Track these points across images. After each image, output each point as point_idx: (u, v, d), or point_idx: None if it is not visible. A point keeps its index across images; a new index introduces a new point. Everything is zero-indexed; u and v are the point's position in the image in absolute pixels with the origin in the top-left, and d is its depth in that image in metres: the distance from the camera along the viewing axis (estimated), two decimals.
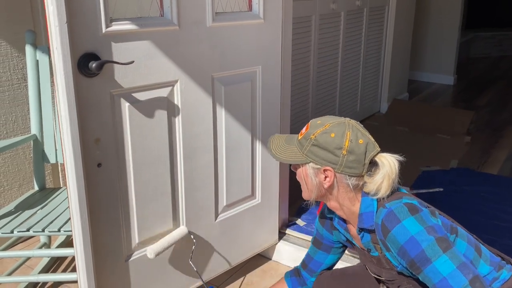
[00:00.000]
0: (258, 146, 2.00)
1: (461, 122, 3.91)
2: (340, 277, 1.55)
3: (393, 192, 1.24)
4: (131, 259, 1.64)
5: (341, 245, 1.53)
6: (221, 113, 1.81)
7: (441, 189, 2.61)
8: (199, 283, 1.89)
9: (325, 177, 1.24)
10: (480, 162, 3.23)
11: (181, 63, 1.62)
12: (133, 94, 1.52)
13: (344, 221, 1.39)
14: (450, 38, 5.53)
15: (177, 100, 1.65)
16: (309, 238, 2.21)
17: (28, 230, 1.72)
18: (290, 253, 2.19)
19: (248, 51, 1.84)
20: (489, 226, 2.27)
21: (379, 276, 1.37)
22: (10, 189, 2.30)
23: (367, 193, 1.24)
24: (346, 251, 2.03)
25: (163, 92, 1.60)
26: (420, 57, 5.76)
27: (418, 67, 5.81)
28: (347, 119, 1.27)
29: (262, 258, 2.24)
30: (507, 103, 4.84)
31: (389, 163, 1.21)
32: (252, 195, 2.04)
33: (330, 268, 1.59)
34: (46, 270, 2.11)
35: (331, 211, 1.44)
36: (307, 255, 1.61)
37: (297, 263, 2.15)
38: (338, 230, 1.45)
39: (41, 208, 1.90)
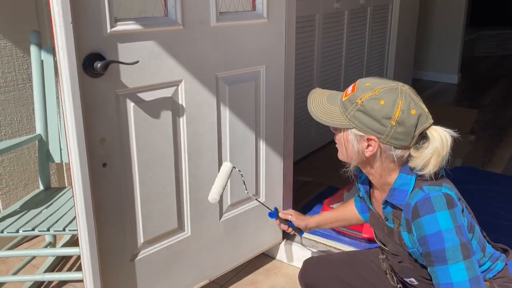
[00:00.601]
0: (262, 145, 2.00)
1: (465, 121, 3.90)
2: (325, 262, 1.53)
3: (438, 172, 1.14)
4: (137, 258, 1.65)
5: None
6: (225, 113, 1.81)
7: None
8: (205, 282, 1.90)
9: (368, 145, 1.14)
10: (484, 161, 3.22)
11: (186, 63, 1.63)
12: (138, 94, 1.52)
13: (369, 184, 1.33)
14: (454, 36, 5.51)
15: (181, 100, 1.65)
16: (313, 237, 2.21)
17: (33, 229, 1.72)
18: (294, 252, 2.19)
19: (252, 51, 1.84)
20: (493, 225, 2.27)
21: (384, 246, 1.32)
22: (15, 188, 2.31)
23: (412, 168, 1.15)
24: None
25: (167, 92, 1.60)
26: (424, 56, 5.75)
27: (422, 66, 5.79)
28: (400, 84, 1.15)
29: (266, 257, 2.24)
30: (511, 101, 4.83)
31: (440, 138, 1.10)
32: (256, 194, 2.05)
33: None
34: (51, 269, 2.12)
35: (360, 171, 1.34)
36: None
37: (301, 262, 2.15)
38: (359, 189, 1.39)
39: (46, 207, 1.91)
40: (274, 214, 1.59)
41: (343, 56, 3.54)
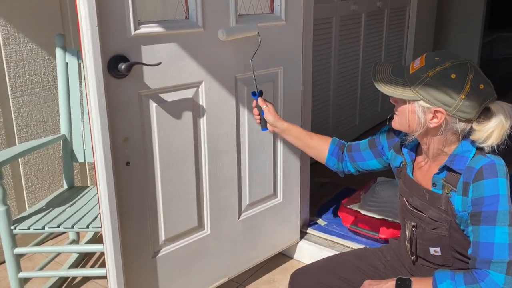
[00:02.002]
0: (280, 146, 2.03)
1: None
2: (310, 271, 1.54)
3: (498, 148, 1.18)
4: (158, 255, 1.69)
5: (385, 163, 1.50)
6: (244, 114, 1.85)
7: None
8: (224, 280, 1.93)
9: (433, 117, 1.18)
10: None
11: (206, 65, 1.67)
12: (160, 95, 1.57)
13: (415, 151, 1.35)
14: (473, 39, 5.46)
15: (201, 101, 1.69)
16: (330, 237, 2.23)
17: (58, 226, 1.78)
18: (312, 252, 2.21)
19: (270, 52, 1.88)
20: None
21: (421, 212, 1.32)
22: (40, 187, 2.38)
23: (473, 141, 1.19)
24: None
25: (188, 93, 1.65)
26: None
27: None
28: (468, 59, 1.19)
29: (283, 256, 2.27)
30: None
31: (504, 112, 1.15)
32: (274, 194, 2.07)
33: (368, 170, 1.55)
34: (75, 266, 2.18)
35: (407, 137, 1.34)
36: (357, 144, 1.57)
37: None
38: (403, 156, 1.39)
39: (70, 205, 1.97)
40: (256, 95, 1.60)
41: (360, 58, 3.55)
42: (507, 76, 6.12)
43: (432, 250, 1.34)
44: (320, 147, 1.60)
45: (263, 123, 1.60)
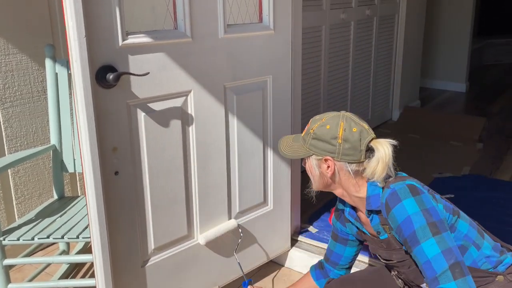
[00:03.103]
0: (270, 154, 2.04)
1: (473, 129, 3.91)
2: (348, 283, 1.57)
3: (390, 176, 1.31)
4: (147, 264, 1.69)
5: (355, 238, 1.58)
6: (233, 122, 1.86)
7: (452, 196, 2.61)
8: None
9: (327, 166, 1.33)
10: (492, 168, 3.23)
11: (195, 74, 1.68)
12: (148, 104, 1.58)
13: (355, 210, 1.46)
14: (462, 45, 5.53)
15: (190, 110, 1.70)
16: (321, 245, 2.23)
17: (48, 237, 1.77)
18: (303, 259, 2.21)
19: (259, 61, 1.89)
20: (502, 232, 2.27)
21: (390, 260, 1.41)
22: (30, 198, 2.37)
23: (369, 178, 1.32)
24: (358, 257, 2.06)
25: (177, 102, 1.66)
26: (431, 64, 5.77)
27: (430, 75, 5.81)
28: (343, 112, 1.37)
29: (274, 264, 2.27)
30: None
31: (383, 148, 1.28)
32: (264, 202, 2.08)
33: (351, 261, 1.64)
34: (65, 276, 2.16)
35: (342, 202, 1.51)
36: (328, 248, 1.67)
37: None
38: (349, 221, 1.50)
39: (60, 216, 1.96)
40: (245, 284, 1.71)
41: (350, 66, 3.59)
42: (497, 82, 6.19)
43: (424, 285, 1.37)
44: (308, 284, 1.70)
45: None
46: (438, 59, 5.73)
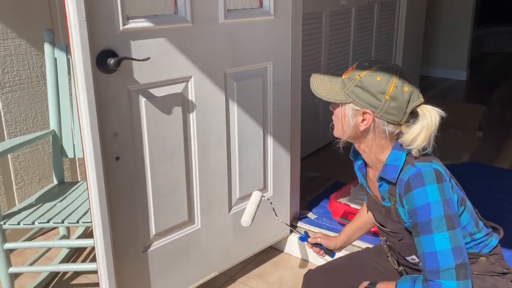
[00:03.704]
0: (270, 140, 2.04)
1: (473, 117, 3.91)
2: (327, 271, 1.54)
3: (425, 150, 1.21)
4: (149, 250, 1.70)
5: None
6: (234, 108, 1.86)
7: None
8: (214, 273, 1.95)
9: (363, 119, 1.23)
10: (491, 156, 3.24)
11: (195, 59, 1.67)
12: (149, 90, 1.57)
13: (365, 166, 1.40)
14: (463, 33, 5.50)
15: (191, 96, 1.70)
16: (320, 231, 2.24)
17: (48, 221, 1.78)
18: (302, 245, 2.23)
19: (259, 47, 1.88)
20: (500, 219, 2.28)
21: (384, 227, 1.38)
22: (30, 183, 2.37)
23: (401, 144, 1.23)
24: None
25: (177, 88, 1.65)
26: (432, 53, 5.74)
27: (431, 63, 5.79)
28: (396, 65, 1.25)
29: (274, 250, 2.28)
30: None
31: (430, 115, 1.18)
32: (264, 188, 2.09)
33: None
34: (65, 261, 2.18)
35: (355, 154, 1.43)
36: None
37: (308, 255, 2.20)
38: (356, 174, 1.46)
39: (60, 201, 1.97)
40: (304, 238, 1.63)
41: (350, 53, 3.57)
42: (497, 71, 6.18)
43: (409, 258, 1.37)
44: (367, 218, 1.63)
45: (329, 253, 1.62)
46: (439, 47, 5.70)
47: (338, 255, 1.65)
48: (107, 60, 1.42)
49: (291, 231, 1.60)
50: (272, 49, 1.94)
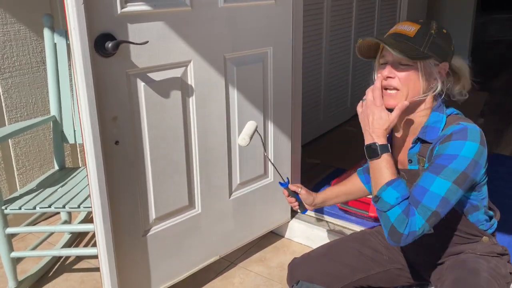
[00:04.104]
0: (270, 126, 2.04)
1: (474, 104, 3.89)
2: (313, 259, 1.55)
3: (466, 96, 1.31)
4: (149, 234, 1.71)
5: None
6: (234, 94, 1.85)
7: None
8: (215, 258, 1.96)
9: (439, 72, 1.25)
10: (493, 143, 3.23)
11: (194, 44, 1.66)
12: (148, 74, 1.57)
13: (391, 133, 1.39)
14: (465, 20, 5.45)
15: (190, 80, 1.69)
16: (321, 216, 2.25)
17: (49, 206, 1.79)
18: (302, 231, 2.24)
19: (259, 32, 1.87)
20: (502, 205, 2.29)
21: None
22: (31, 169, 2.38)
23: (439, 106, 1.27)
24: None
25: (177, 72, 1.64)
26: None
27: None
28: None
29: (275, 235, 2.29)
30: None
31: (462, 62, 1.30)
32: (265, 173, 2.09)
33: None
34: (67, 246, 2.19)
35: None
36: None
37: (310, 240, 2.21)
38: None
39: (61, 186, 1.97)
40: (286, 183, 1.60)
41: (352, 38, 3.54)
42: (499, 58, 6.14)
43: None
44: (355, 187, 1.64)
45: (302, 207, 1.60)
46: None
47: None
48: (105, 44, 1.42)
49: (281, 184, 1.59)
50: (272, 34, 1.92)
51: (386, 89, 1.26)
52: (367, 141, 1.25)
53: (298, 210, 1.63)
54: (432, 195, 1.16)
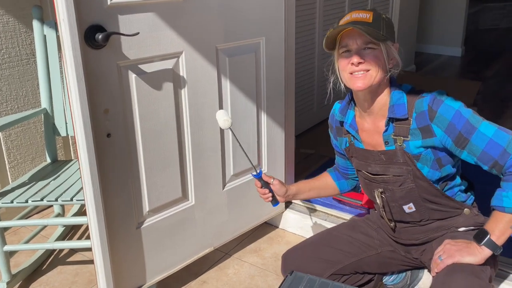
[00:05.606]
0: (263, 117, 2.03)
1: (467, 93, 3.90)
2: (305, 247, 1.56)
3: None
4: (143, 226, 1.70)
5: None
6: (226, 85, 1.84)
7: None
8: (209, 249, 1.96)
9: (396, 52, 1.36)
10: None
11: (186, 35, 1.65)
12: (139, 66, 1.55)
13: (355, 123, 1.45)
14: (458, 9, 5.45)
15: (182, 72, 1.68)
16: (315, 206, 2.26)
17: (42, 199, 1.78)
18: (297, 221, 2.24)
19: (251, 22, 1.86)
20: (491, 192, 2.30)
21: (383, 175, 1.40)
22: (23, 162, 2.37)
23: (393, 85, 1.37)
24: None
25: (168, 64, 1.63)
26: (427, 29, 5.70)
27: (426, 39, 5.75)
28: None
29: (269, 226, 2.30)
30: None
31: None
32: (259, 164, 2.09)
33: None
34: (61, 238, 2.19)
35: (343, 114, 1.47)
36: (336, 162, 1.69)
37: (304, 231, 2.22)
38: (348, 133, 1.47)
39: (54, 179, 1.96)
40: (259, 174, 1.54)
41: None
42: (493, 47, 6.14)
43: (406, 208, 1.39)
44: (326, 184, 1.69)
45: (274, 200, 1.56)
46: (434, 24, 5.66)
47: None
48: (95, 36, 1.40)
49: (253, 175, 1.56)
50: (264, 24, 1.91)
51: (352, 73, 1.33)
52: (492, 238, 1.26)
53: (271, 203, 1.57)
54: (497, 136, 1.23)
